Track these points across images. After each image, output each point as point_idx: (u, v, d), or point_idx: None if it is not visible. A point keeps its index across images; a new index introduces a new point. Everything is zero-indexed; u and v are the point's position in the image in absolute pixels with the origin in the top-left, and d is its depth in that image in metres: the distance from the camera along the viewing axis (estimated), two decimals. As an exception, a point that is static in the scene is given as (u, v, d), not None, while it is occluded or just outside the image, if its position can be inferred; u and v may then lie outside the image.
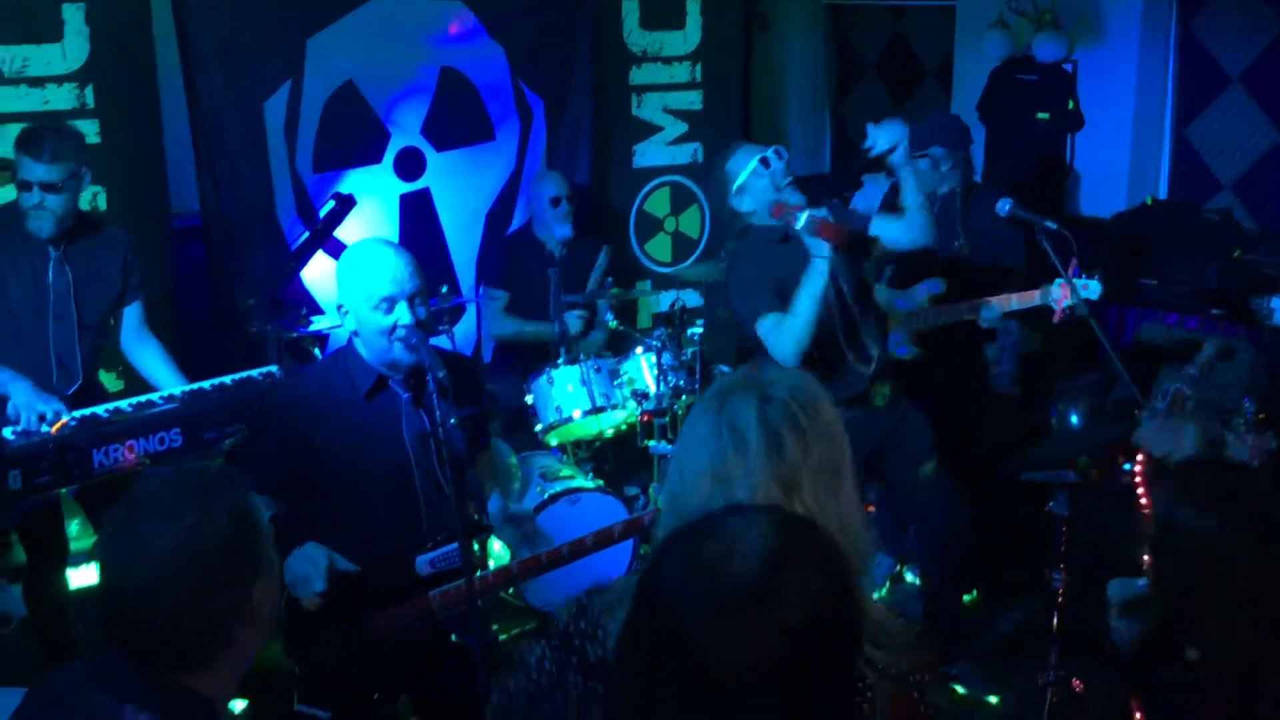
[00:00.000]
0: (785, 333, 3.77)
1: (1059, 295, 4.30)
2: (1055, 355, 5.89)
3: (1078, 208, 6.80)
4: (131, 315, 4.22)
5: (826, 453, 1.73)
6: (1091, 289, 4.29)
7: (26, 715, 1.73)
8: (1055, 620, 3.69)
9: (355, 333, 3.09)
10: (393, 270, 3.02)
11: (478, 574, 2.96)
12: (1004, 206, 4.31)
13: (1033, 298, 4.38)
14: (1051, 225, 4.17)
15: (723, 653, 1.24)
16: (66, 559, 4.19)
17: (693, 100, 6.68)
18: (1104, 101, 6.56)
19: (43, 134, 3.89)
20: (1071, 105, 6.65)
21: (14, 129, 4.09)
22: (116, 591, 1.66)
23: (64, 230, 3.94)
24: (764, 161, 3.91)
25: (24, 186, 3.85)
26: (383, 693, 3.02)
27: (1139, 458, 3.30)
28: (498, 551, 3.98)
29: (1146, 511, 3.32)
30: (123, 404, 3.83)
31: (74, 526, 4.30)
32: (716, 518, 1.38)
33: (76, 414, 3.68)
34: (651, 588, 1.34)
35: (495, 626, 4.53)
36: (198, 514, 1.64)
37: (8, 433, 3.53)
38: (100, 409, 3.75)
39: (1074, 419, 5.00)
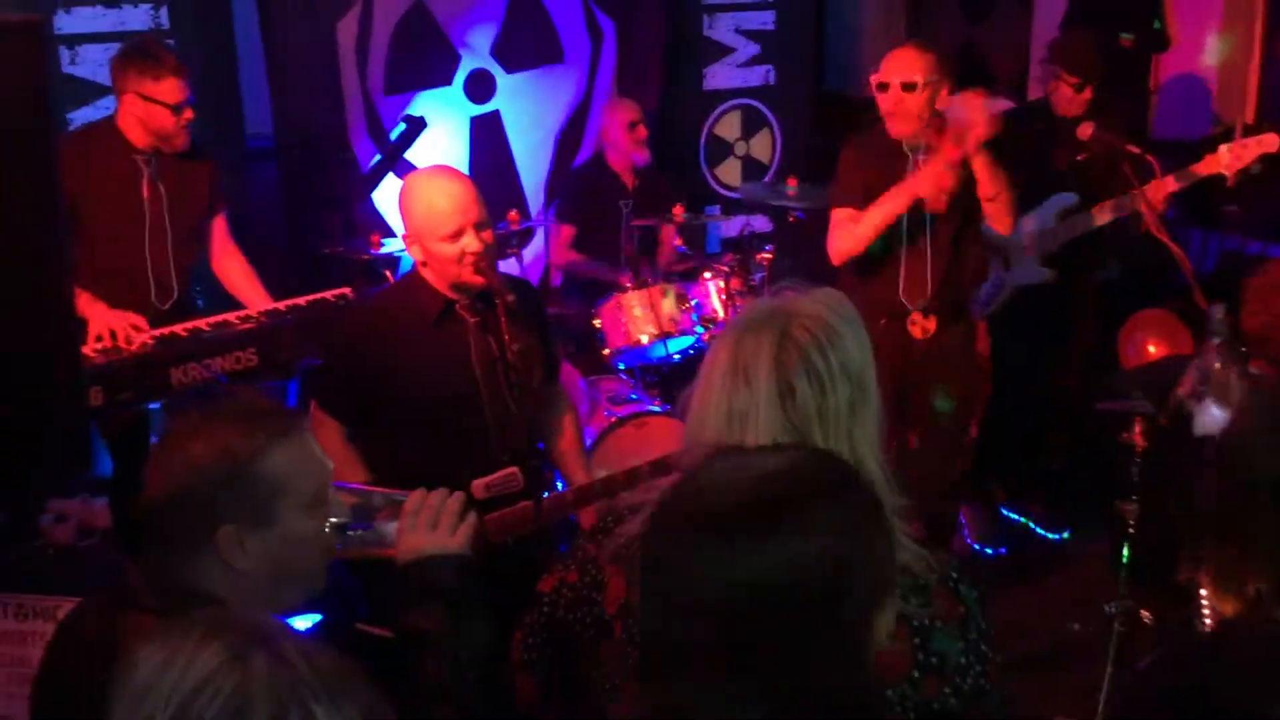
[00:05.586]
0: (845, 233, 3.87)
1: (1228, 159, 4.31)
2: (1134, 282, 5.77)
3: (1160, 131, 6.62)
4: (219, 227, 4.27)
5: (843, 393, 1.66)
6: (1267, 141, 4.29)
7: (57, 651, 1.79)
8: (1125, 551, 3.66)
9: (422, 261, 3.08)
10: (456, 200, 2.99)
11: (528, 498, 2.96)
12: (1085, 129, 4.22)
13: (1198, 172, 4.33)
14: (1134, 149, 4.09)
15: (709, 578, 1.20)
16: None
17: (765, 20, 6.57)
18: (1191, 21, 6.36)
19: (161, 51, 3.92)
20: (1158, 25, 6.45)
21: (92, 50, 4.11)
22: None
23: None
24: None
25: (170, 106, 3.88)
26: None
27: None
28: None
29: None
30: (201, 324, 3.90)
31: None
32: (737, 449, 1.35)
33: (155, 333, 3.76)
34: (657, 508, 1.32)
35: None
36: (201, 439, 1.71)
37: (89, 352, 3.62)
38: (179, 328, 3.83)
39: (1151, 349, 4.90)
